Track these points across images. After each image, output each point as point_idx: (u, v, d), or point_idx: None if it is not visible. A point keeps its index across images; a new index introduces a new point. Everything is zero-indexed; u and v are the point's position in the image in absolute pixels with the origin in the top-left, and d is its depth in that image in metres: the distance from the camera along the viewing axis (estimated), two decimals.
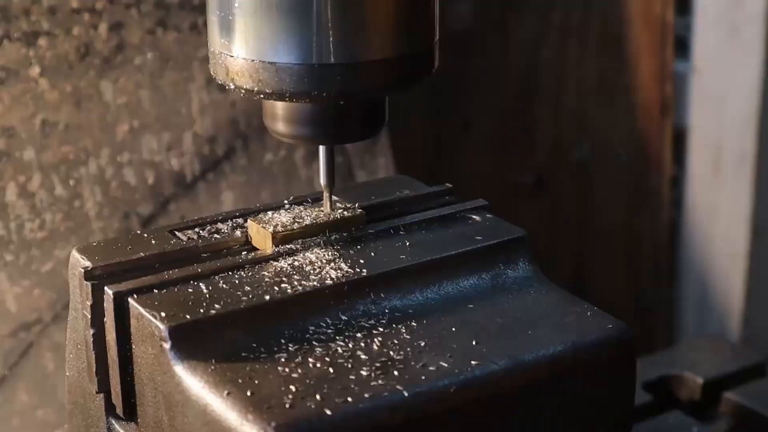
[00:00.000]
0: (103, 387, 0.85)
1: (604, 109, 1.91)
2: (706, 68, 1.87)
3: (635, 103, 1.91)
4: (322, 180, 0.93)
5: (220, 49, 0.87)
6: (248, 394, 0.75)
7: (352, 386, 0.76)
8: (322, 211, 0.93)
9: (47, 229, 1.33)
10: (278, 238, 0.89)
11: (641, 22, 1.86)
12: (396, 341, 0.81)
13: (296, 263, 0.87)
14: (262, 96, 0.87)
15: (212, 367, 0.77)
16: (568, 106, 1.90)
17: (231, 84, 0.87)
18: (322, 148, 0.93)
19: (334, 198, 0.94)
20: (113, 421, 0.86)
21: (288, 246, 0.89)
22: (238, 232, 0.92)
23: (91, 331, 0.84)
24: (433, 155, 1.83)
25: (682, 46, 1.90)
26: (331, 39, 0.84)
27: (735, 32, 1.82)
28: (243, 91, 0.87)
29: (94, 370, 0.85)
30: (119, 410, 0.85)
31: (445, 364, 0.78)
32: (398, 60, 0.87)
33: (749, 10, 1.79)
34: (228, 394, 0.75)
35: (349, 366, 0.78)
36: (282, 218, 0.91)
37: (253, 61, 0.85)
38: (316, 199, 0.96)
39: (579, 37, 1.86)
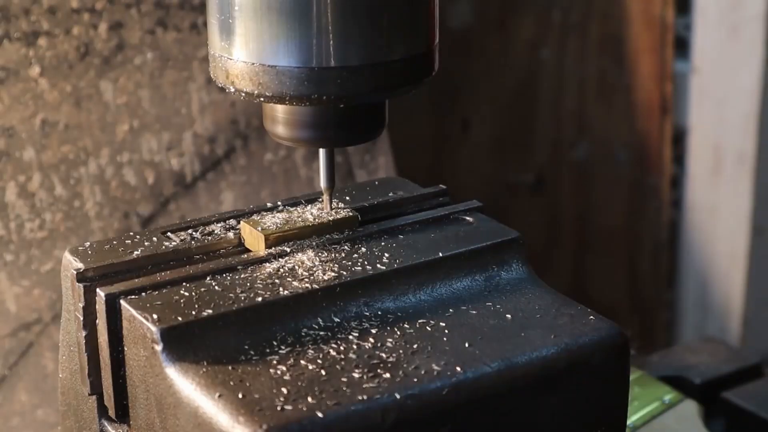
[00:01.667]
0: (96, 389, 0.85)
1: (603, 109, 1.91)
2: (706, 68, 1.87)
3: (635, 102, 1.90)
4: (323, 182, 0.93)
5: (220, 52, 0.87)
6: (240, 396, 0.75)
7: (344, 388, 0.76)
8: (316, 212, 0.93)
9: (47, 229, 1.33)
10: (271, 240, 0.89)
11: (641, 22, 1.86)
12: (388, 343, 0.81)
13: (289, 265, 0.87)
14: (262, 99, 0.87)
15: (204, 369, 0.77)
16: (567, 106, 1.90)
17: (231, 87, 0.87)
18: (322, 151, 0.92)
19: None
20: (106, 423, 0.86)
21: (281, 248, 0.89)
22: (230, 234, 0.92)
23: (83, 333, 0.84)
24: (433, 155, 1.83)
25: (682, 46, 1.90)
26: (331, 42, 0.84)
27: (735, 32, 1.81)
28: (243, 95, 0.87)
29: (87, 371, 0.85)
30: (111, 412, 0.85)
31: (438, 367, 0.78)
32: (398, 63, 0.87)
33: (749, 10, 1.79)
34: (219, 396, 0.75)
35: (341, 368, 0.78)
36: (275, 220, 0.91)
37: (253, 64, 0.85)
38: (310, 201, 0.96)
39: (579, 36, 1.86)
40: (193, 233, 0.92)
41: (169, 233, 0.91)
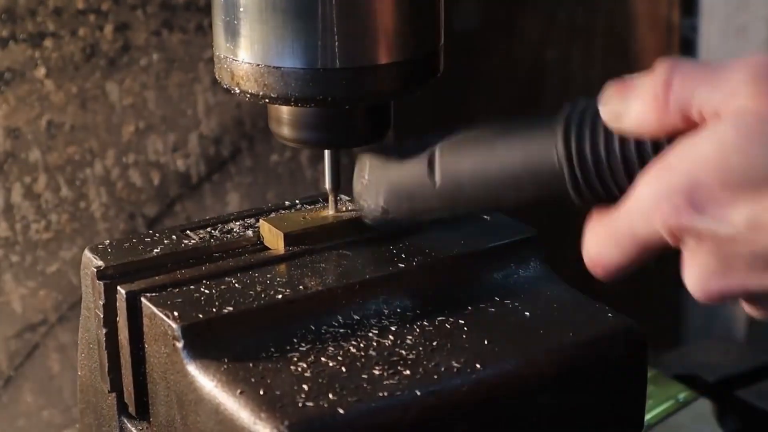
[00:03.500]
0: (116, 386, 0.85)
1: None
2: None
3: None
4: (327, 185, 0.93)
5: (225, 53, 0.87)
6: (261, 393, 0.75)
7: (365, 385, 0.76)
8: (335, 211, 0.93)
9: (53, 230, 1.33)
10: (290, 238, 0.89)
11: (647, 23, 1.86)
12: (408, 340, 0.81)
13: (308, 263, 0.87)
14: (267, 100, 0.87)
15: (225, 366, 0.77)
16: None
17: (236, 88, 0.87)
18: (327, 153, 0.93)
19: (346, 199, 0.94)
20: (125, 420, 0.86)
21: (300, 246, 0.89)
22: (249, 232, 0.92)
23: (104, 331, 0.84)
24: None
25: (688, 48, 1.90)
26: (336, 43, 0.84)
27: (741, 34, 1.82)
28: (248, 96, 0.87)
29: (107, 369, 0.85)
30: (131, 409, 0.85)
31: (457, 364, 0.78)
32: (403, 64, 0.87)
33: (755, 12, 1.79)
34: (240, 393, 0.75)
35: (362, 365, 0.78)
36: (294, 218, 0.92)
37: (258, 65, 0.85)
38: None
39: (584, 37, 1.86)
40: (213, 231, 0.92)
41: (188, 231, 0.91)
